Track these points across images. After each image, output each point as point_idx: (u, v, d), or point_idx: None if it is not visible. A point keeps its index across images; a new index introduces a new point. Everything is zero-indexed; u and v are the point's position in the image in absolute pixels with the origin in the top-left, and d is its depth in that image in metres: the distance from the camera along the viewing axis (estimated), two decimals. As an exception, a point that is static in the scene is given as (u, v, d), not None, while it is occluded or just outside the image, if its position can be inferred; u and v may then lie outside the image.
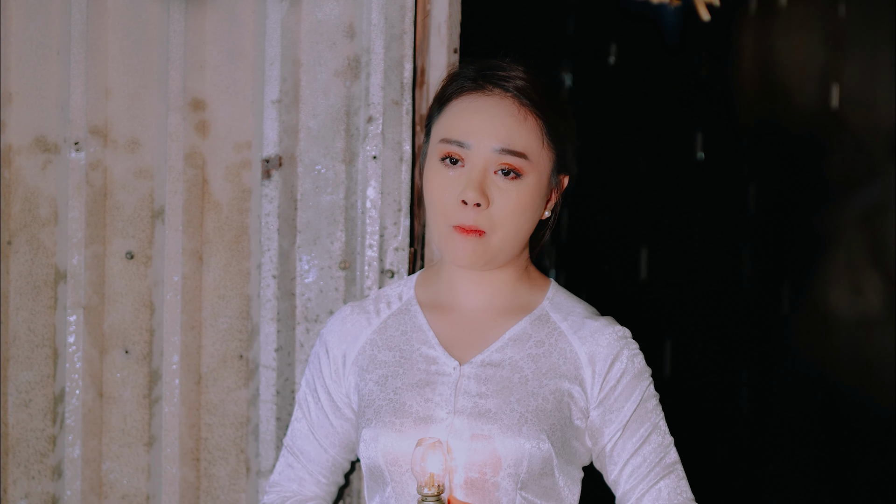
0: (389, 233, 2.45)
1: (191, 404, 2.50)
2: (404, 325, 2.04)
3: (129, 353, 2.51)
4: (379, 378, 2.00)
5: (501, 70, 1.96)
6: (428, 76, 2.47)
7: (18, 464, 2.53)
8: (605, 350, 1.96)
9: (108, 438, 2.52)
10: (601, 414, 1.96)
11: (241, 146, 2.49)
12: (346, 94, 2.46)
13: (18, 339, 2.52)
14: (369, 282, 2.44)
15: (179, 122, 2.46)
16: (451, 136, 1.93)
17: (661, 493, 1.96)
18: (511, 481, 1.90)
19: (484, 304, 2.01)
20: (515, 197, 1.92)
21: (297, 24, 2.45)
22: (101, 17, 2.48)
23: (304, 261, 2.48)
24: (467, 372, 1.96)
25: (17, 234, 2.52)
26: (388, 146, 2.44)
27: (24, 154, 2.51)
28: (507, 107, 1.94)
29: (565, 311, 2.02)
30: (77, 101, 2.47)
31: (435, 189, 1.94)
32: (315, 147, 2.47)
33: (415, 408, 1.94)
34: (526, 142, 1.93)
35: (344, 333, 2.08)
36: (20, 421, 2.53)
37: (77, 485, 2.50)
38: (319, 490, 2.14)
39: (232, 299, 2.50)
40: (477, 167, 1.91)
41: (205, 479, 2.51)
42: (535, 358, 1.96)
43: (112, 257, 2.51)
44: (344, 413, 2.08)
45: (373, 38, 2.43)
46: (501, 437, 1.90)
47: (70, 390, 2.50)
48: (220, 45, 2.48)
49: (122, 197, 2.50)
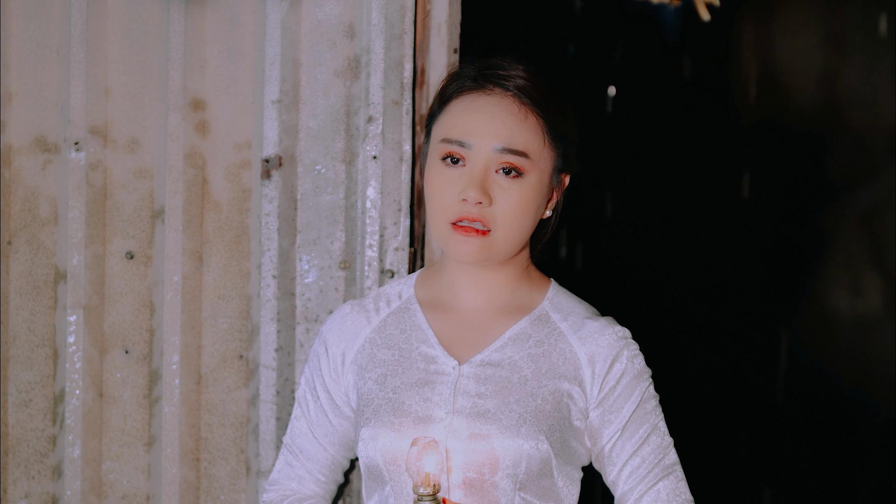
0: (389, 233, 2.45)
1: (191, 404, 2.50)
2: (404, 323, 2.04)
3: (129, 353, 2.51)
4: (378, 377, 2.00)
5: (502, 69, 1.96)
6: (428, 76, 2.48)
7: (18, 464, 2.53)
8: (605, 350, 1.96)
9: (108, 438, 2.52)
10: (600, 414, 1.96)
11: (241, 146, 2.49)
12: (346, 94, 2.46)
13: (18, 339, 2.52)
14: (369, 282, 2.44)
15: (179, 122, 2.46)
16: (451, 136, 1.93)
17: (659, 494, 1.95)
18: (510, 481, 1.90)
19: (484, 304, 2.01)
20: (517, 195, 1.92)
21: (297, 24, 2.45)
22: (101, 17, 2.48)
23: (304, 261, 2.48)
24: (466, 371, 1.96)
25: (17, 234, 2.52)
26: (388, 146, 2.44)
27: (24, 154, 2.51)
28: (508, 106, 1.94)
29: (565, 312, 2.02)
30: (77, 101, 2.47)
31: (436, 188, 1.94)
32: (315, 147, 2.47)
33: (413, 407, 1.94)
34: (527, 140, 1.93)
35: (343, 332, 2.08)
36: (20, 421, 2.53)
37: (77, 485, 2.50)
38: (319, 488, 2.14)
39: (232, 299, 2.50)
40: (478, 166, 1.91)
41: (205, 479, 2.51)
42: (534, 358, 1.96)
43: (112, 257, 2.51)
44: (343, 412, 2.08)
45: (373, 38, 2.43)
46: (500, 438, 1.90)
47: (70, 390, 2.50)
48: (220, 45, 2.48)
49: (122, 197, 2.50)
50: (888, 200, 4.10)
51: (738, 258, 4.33)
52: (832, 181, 4.23)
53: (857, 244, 4.18)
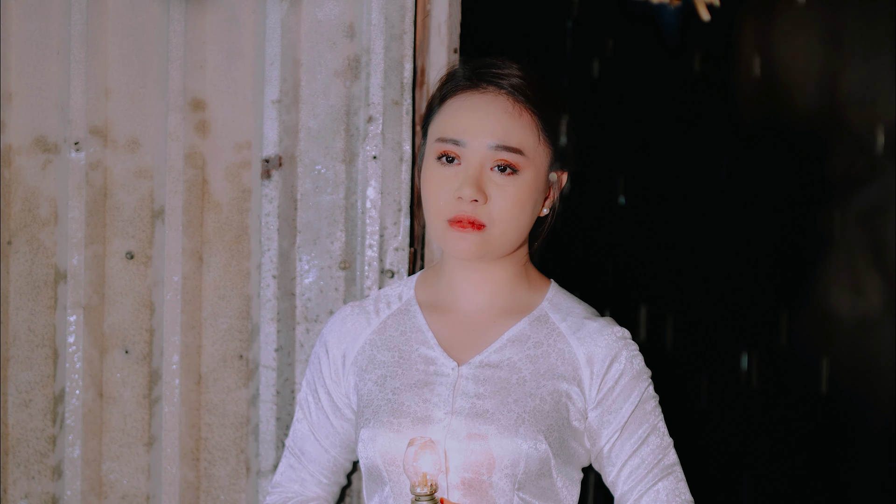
0: (389, 233, 2.45)
1: (191, 404, 2.50)
2: (403, 325, 2.05)
3: (129, 353, 2.51)
4: (378, 378, 2.01)
5: (496, 68, 1.97)
6: (428, 76, 2.48)
7: (18, 464, 2.53)
8: (604, 351, 1.96)
9: (108, 438, 2.52)
10: (599, 415, 1.96)
11: (241, 146, 2.49)
12: (346, 94, 2.46)
13: (18, 339, 2.53)
14: (369, 282, 2.44)
15: (179, 122, 2.46)
16: (446, 135, 1.94)
17: (659, 494, 1.95)
18: (508, 482, 1.90)
19: (483, 305, 2.02)
20: (513, 192, 1.92)
21: (297, 24, 2.45)
22: (101, 17, 2.48)
23: (304, 261, 2.48)
24: (465, 373, 1.96)
25: (17, 234, 2.52)
26: (388, 146, 2.44)
27: (24, 154, 2.51)
28: (502, 103, 1.94)
29: (565, 312, 2.02)
30: (77, 101, 2.47)
31: (432, 187, 1.94)
32: (315, 147, 2.47)
33: (413, 408, 1.94)
34: (521, 138, 1.93)
35: (344, 333, 2.08)
36: (20, 421, 2.53)
37: (77, 485, 2.50)
38: (321, 490, 2.14)
39: (232, 299, 2.50)
40: (473, 164, 1.92)
41: (205, 479, 2.51)
42: (533, 359, 1.96)
43: (112, 257, 2.51)
44: (344, 413, 2.08)
45: (373, 38, 2.43)
46: (498, 438, 1.90)
47: (70, 390, 2.50)
48: (220, 45, 2.48)
49: (122, 197, 2.51)
50: (888, 200, 4.10)
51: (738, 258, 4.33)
52: (832, 181, 4.22)
53: (857, 244, 4.18)
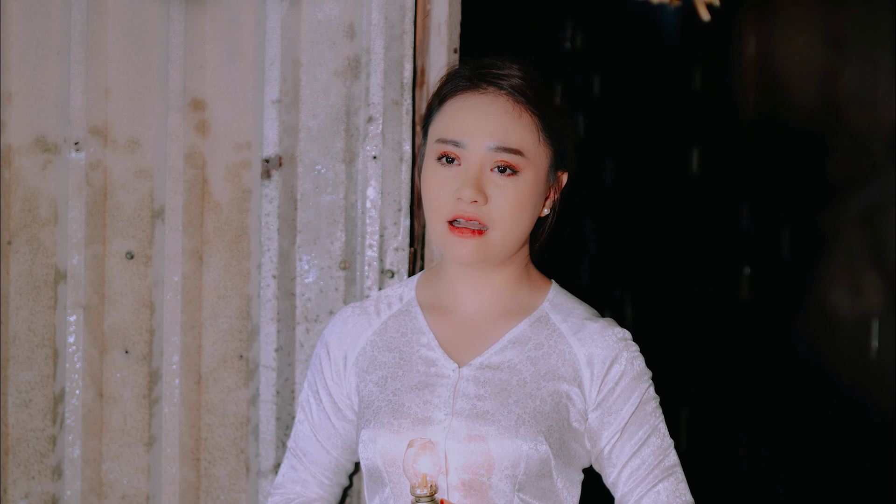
0: (389, 233, 2.45)
1: (191, 404, 2.50)
2: (404, 326, 2.04)
3: (129, 353, 2.51)
4: (378, 379, 2.00)
5: (496, 68, 1.96)
6: (428, 76, 2.48)
7: (18, 464, 2.53)
8: (604, 352, 1.96)
9: (108, 438, 2.52)
10: (599, 416, 1.96)
11: (241, 146, 2.49)
12: (346, 94, 2.46)
13: (18, 339, 2.53)
14: (369, 282, 2.44)
15: (179, 122, 2.46)
16: (446, 136, 1.94)
17: (659, 495, 1.95)
18: (508, 483, 1.90)
19: (484, 306, 2.01)
20: (513, 193, 1.92)
21: (297, 25, 2.45)
22: (101, 17, 2.48)
23: (304, 261, 2.48)
24: (466, 374, 1.96)
25: (17, 234, 2.52)
26: (388, 146, 2.44)
27: (24, 154, 2.51)
28: (502, 104, 1.94)
29: (565, 313, 2.01)
30: (77, 101, 2.47)
31: (432, 188, 1.94)
32: (315, 147, 2.47)
33: (413, 409, 1.94)
34: (521, 138, 1.93)
35: (344, 334, 2.08)
36: (20, 421, 2.53)
37: (77, 485, 2.50)
38: (323, 491, 2.14)
39: (232, 299, 2.50)
40: (473, 165, 1.92)
41: (205, 479, 2.51)
42: (533, 360, 1.96)
43: (112, 257, 2.51)
44: (345, 414, 2.08)
45: (373, 38, 2.43)
46: (498, 438, 1.90)
47: (70, 390, 2.50)
48: (220, 45, 2.48)
49: (122, 197, 2.51)
50: (888, 200, 4.10)
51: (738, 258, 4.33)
52: (832, 181, 4.23)
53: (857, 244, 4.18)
